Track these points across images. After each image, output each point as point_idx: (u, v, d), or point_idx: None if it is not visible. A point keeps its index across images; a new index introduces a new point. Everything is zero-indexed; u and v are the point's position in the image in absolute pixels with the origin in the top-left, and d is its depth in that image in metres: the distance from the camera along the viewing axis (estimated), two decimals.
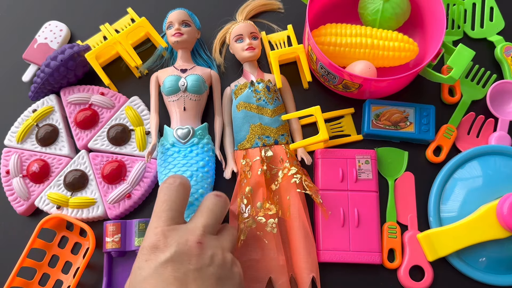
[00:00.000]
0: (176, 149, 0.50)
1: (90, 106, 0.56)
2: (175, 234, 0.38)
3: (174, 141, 0.51)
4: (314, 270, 0.48)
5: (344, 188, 0.52)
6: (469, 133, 0.55)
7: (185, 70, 0.53)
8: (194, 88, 0.52)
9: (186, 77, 0.52)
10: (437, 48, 0.50)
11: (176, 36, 0.53)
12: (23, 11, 0.64)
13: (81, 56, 0.55)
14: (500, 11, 0.60)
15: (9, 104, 0.59)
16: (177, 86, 0.52)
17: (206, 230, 0.40)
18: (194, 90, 0.52)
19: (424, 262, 0.50)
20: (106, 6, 0.63)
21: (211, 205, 0.42)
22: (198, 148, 0.51)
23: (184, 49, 0.55)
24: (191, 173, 0.49)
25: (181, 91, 0.52)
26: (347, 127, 0.56)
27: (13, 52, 0.61)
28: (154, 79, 0.54)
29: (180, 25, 0.54)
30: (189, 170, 0.49)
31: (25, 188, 0.53)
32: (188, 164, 0.49)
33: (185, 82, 0.52)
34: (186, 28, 0.54)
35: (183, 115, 0.52)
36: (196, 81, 0.52)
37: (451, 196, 0.52)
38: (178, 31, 0.53)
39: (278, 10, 0.61)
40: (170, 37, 0.54)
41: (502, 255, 0.49)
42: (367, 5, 0.55)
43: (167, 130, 0.52)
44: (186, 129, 0.51)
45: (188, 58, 0.55)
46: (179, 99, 0.52)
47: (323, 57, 0.50)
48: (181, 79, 0.52)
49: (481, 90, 0.56)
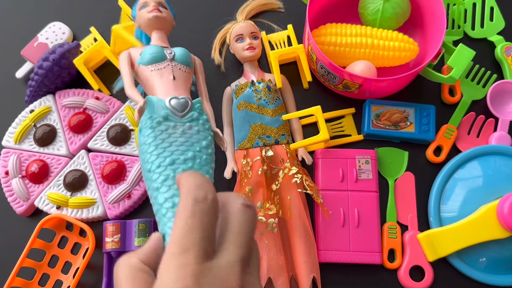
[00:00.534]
0: (171, 124, 0.39)
1: (85, 110, 0.56)
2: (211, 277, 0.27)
3: (168, 113, 0.39)
4: (314, 270, 0.48)
5: (344, 188, 0.52)
6: (469, 133, 0.55)
7: (166, 47, 0.46)
8: (183, 58, 0.44)
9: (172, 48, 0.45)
10: (437, 48, 0.50)
11: (155, 11, 0.46)
12: (32, 7, 0.64)
13: (73, 54, 0.55)
14: (500, 11, 0.60)
15: (6, 104, 0.59)
16: (163, 53, 0.43)
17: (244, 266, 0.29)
18: (183, 60, 0.44)
19: (424, 262, 0.50)
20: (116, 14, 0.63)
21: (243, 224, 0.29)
22: (199, 125, 0.40)
23: (160, 30, 0.47)
24: (194, 154, 0.38)
25: (168, 59, 0.43)
26: (347, 127, 0.56)
27: (13, 49, 0.61)
28: (126, 55, 0.45)
29: (157, 4, 0.47)
30: (190, 150, 0.38)
31: (25, 189, 0.53)
32: (189, 143, 0.39)
33: (172, 51, 0.44)
34: (164, 9, 0.47)
35: (172, 84, 0.42)
36: (185, 52, 0.45)
37: (451, 196, 0.52)
38: (156, 7, 0.46)
39: (278, 10, 0.61)
40: (146, 13, 0.46)
41: (502, 255, 0.49)
42: (367, 5, 0.55)
43: (156, 100, 0.40)
44: (183, 99, 0.40)
45: (165, 40, 0.47)
46: (166, 68, 0.43)
47: (323, 57, 0.50)
48: (166, 49, 0.44)
49: (481, 90, 0.56)
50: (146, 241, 0.51)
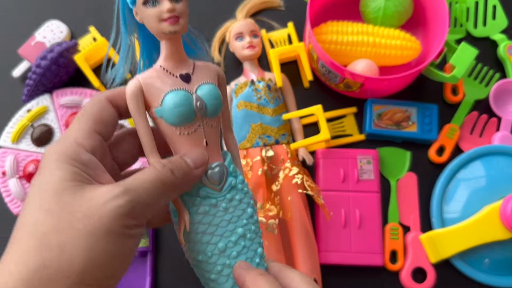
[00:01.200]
0: (212, 201, 0.31)
1: None
2: None
3: (207, 191, 0.31)
4: (315, 272, 0.48)
5: (345, 188, 0.51)
6: (472, 133, 0.54)
7: (187, 75, 0.31)
8: (217, 110, 0.31)
9: (197, 91, 0.30)
10: (439, 47, 0.49)
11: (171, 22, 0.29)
12: (29, 5, 0.63)
13: (71, 52, 0.55)
14: (503, 9, 0.59)
15: (3, 103, 0.58)
16: (192, 110, 0.30)
17: None
18: (216, 112, 0.31)
19: (427, 263, 0.49)
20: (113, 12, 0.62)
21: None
22: (239, 192, 0.32)
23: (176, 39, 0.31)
24: (243, 230, 0.32)
25: (198, 117, 0.30)
26: (348, 126, 0.55)
27: (10, 47, 0.60)
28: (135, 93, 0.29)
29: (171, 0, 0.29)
30: (238, 226, 0.32)
31: (22, 189, 0.53)
32: (235, 219, 0.32)
33: (202, 102, 0.30)
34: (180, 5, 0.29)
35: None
36: (216, 99, 0.31)
37: (454, 197, 0.51)
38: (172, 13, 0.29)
39: (279, 8, 0.60)
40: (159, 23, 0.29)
41: (505, 256, 0.49)
42: (368, 3, 0.55)
43: None
44: (217, 167, 0.31)
45: (181, 51, 0.31)
46: (196, 130, 0.31)
47: (324, 56, 0.49)
48: (193, 97, 0.30)
49: (484, 89, 0.56)
50: (145, 242, 0.51)
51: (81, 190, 0.24)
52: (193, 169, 0.28)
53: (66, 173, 0.24)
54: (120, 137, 0.31)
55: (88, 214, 0.23)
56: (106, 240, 0.23)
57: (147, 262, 0.50)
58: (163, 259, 0.51)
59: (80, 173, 0.25)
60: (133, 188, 0.25)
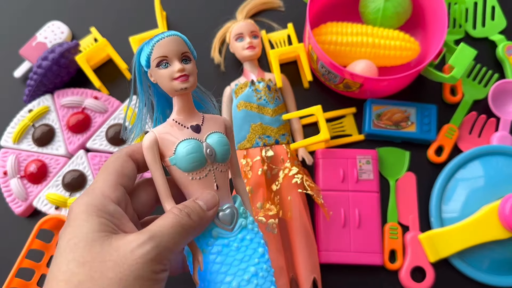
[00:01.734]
0: (224, 242, 0.33)
1: (83, 110, 0.55)
2: None
3: (219, 231, 0.33)
4: (315, 271, 0.48)
5: (345, 188, 0.51)
6: (471, 133, 0.55)
7: (197, 127, 0.34)
8: (225, 156, 0.34)
9: (207, 139, 0.34)
10: (438, 47, 0.49)
11: (182, 80, 0.32)
12: (30, 6, 0.63)
13: (72, 53, 0.55)
14: (501, 10, 0.60)
15: (4, 104, 0.59)
16: (203, 157, 0.33)
17: None
18: (225, 158, 0.34)
19: (426, 263, 0.50)
20: (114, 13, 0.62)
21: None
22: (249, 232, 0.34)
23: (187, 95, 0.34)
24: (255, 269, 0.33)
25: (208, 162, 0.33)
26: (348, 126, 0.56)
27: (12, 48, 0.60)
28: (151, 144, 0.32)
29: (180, 61, 0.33)
30: (250, 265, 0.33)
31: (23, 189, 0.53)
32: (247, 258, 0.33)
33: (212, 149, 0.33)
34: (188, 65, 0.33)
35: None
36: (224, 145, 0.34)
37: (452, 197, 0.51)
38: (182, 73, 0.32)
39: (279, 9, 0.61)
40: (171, 81, 0.32)
41: (504, 255, 0.49)
42: (368, 4, 0.55)
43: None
44: (228, 209, 0.33)
45: (191, 106, 0.35)
46: (207, 175, 0.33)
47: (324, 56, 0.49)
48: (203, 145, 0.33)
49: (483, 90, 0.56)
50: None
51: (109, 239, 0.26)
52: (206, 211, 0.30)
53: (95, 225, 0.26)
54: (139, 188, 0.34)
55: (118, 262, 0.25)
56: (136, 286, 0.25)
57: None
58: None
59: (108, 224, 0.27)
60: (157, 235, 0.27)
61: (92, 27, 0.59)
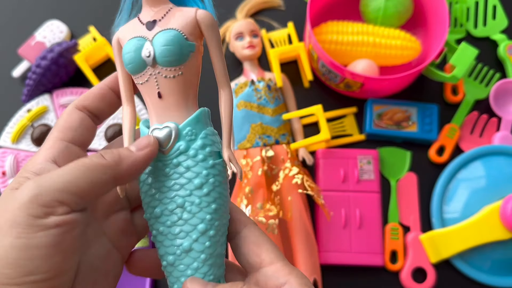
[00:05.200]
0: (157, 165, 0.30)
1: None
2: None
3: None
4: (315, 272, 0.48)
5: (345, 188, 0.51)
6: (472, 133, 0.54)
7: (153, 22, 0.30)
8: (166, 58, 0.29)
9: (153, 39, 0.29)
10: (439, 47, 0.49)
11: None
12: (29, 5, 0.63)
13: (71, 52, 0.55)
14: (503, 9, 0.59)
15: (3, 103, 0.58)
16: (140, 57, 0.29)
17: None
18: (168, 61, 0.29)
19: (427, 263, 0.49)
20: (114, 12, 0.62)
21: None
22: (189, 159, 0.29)
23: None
24: (182, 200, 0.29)
25: (148, 65, 0.29)
26: (349, 126, 0.55)
27: (10, 47, 0.60)
28: (114, 44, 0.31)
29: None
30: (178, 196, 0.29)
31: None
32: (176, 187, 0.29)
33: (151, 49, 0.28)
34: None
35: (159, 105, 0.30)
36: (169, 45, 0.29)
37: (454, 197, 0.51)
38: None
39: (279, 8, 0.60)
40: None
41: (505, 256, 0.49)
42: (369, 3, 0.55)
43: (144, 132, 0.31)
44: (165, 129, 0.29)
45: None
46: (148, 80, 0.29)
47: (325, 56, 0.49)
48: (145, 44, 0.29)
49: (484, 89, 0.56)
50: (146, 241, 0.50)
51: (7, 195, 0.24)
52: (133, 152, 0.27)
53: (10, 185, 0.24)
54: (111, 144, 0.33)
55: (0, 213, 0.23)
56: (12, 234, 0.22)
57: None
58: None
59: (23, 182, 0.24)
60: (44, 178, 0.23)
61: (91, 27, 0.59)
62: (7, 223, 0.22)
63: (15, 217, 0.22)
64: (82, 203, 0.24)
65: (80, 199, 0.24)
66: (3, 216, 0.22)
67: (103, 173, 0.25)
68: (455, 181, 0.52)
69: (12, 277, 0.22)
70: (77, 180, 0.24)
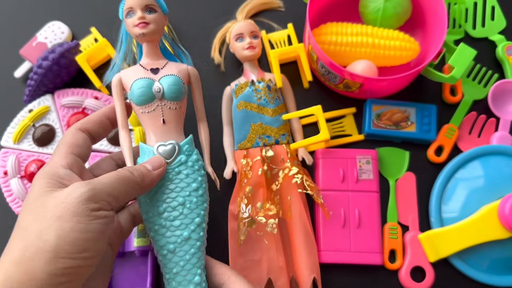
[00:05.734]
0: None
1: (84, 110, 0.55)
2: None
3: None
4: (315, 271, 0.48)
5: (345, 188, 0.51)
6: (471, 133, 0.55)
7: (156, 69, 0.41)
8: (173, 94, 0.40)
9: (160, 80, 0.40)
10: (438, 47, 0.49)
11: (141, 27, 0.40)
12: (31, 6, 0.63)
13: (72, 53, 0.55)
14: (501, 10, 0.60)
15: (4, 104, 0.59)
16: (151, 92, 0.39)
17: None
18: (173, 97, 0.40)
19: (426, 263, 0.50)
20: (115, 13, 0.62)
21: None
22: (188, 168, 0.40)
23: (151, 42, 0.41)
24: (183, 199, 0.39)
25: (157, 99, 0.39)
26: (348, 126, 0.56)
27: (12, 48, 0.60)
28: (116, 83, 0.41)
29: (143, 11, 0.40)
30: (180, 196, 0.39)
31: (24, 189, 0.53)
32: (178, 189, 0.39)
33: (161, 87, 0.39)
34: (151, 15, 0.40)
35: (162, 129, 0.40)
36: (175, 85, 0.40)
37: (452, 197, 0.52)
38: (142, 20, 0.40)
39: (279, 9, 0.61)
40: (132, 28, 0.40)
41: (504, 255, 0.49)
42: (368, 4, 0.55)
43: (145, 149, 0.40)
44: (169, 145, 0.39)
45: (157, 53, 0.42)
46: (155, 110, 0.39)
47: (324, 56, 0.49)
48: (154, 83, 0.39)
49: (483, 90, 0.56)
50: (146, 241, 0.51)
51: (53, 193, 0.32)
52: (151, 171, 0.37)
53: (43, 184, 0.32)
54: (101, 161, 0.42)
55: (56, 205, 0.30)
56: (72, 221, 0.30)
57: (148, 261, 0.50)
58: None
59: (55, 183, 0.32)
60: (94, 182, 0.32)
61: (92, 27, 0.59)
62: (68, 212, 0.30)
63: (75, 209, 0.30)
64: (117, 205, 0.34)
65: (117, 202, 0.33)
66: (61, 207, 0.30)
67: (133, 187, 0.35)
68: (453, 181, 0.52)
69: (71, 252, 0.30)
70: (118, 188, 0.33)
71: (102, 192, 0.32)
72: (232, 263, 0.49)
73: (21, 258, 0.29)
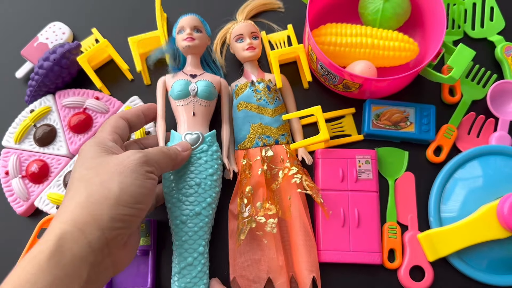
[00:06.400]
0: None
1: (85, 110, 0.56)
2: None
3: None
4: (314, 270, 0.48)
5: (344, 188, 0.52)
6: (470, 133, 0.55)
7: (194, 75, 0.52)
8: (204, 94, 0.50)
9: (196, 82, 0.50)
10: (437, 48, 0.50)
11: (188, 40, 0.51)
12: (32, 7, 0.64)
13: (73, 53, 0.55)
14: (500, 11, 0.60)
15: (6, 104, 0.59)
16: (187, 90, 0.49)
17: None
18: (204, 96, 0.50)
19: (425, 262, 0.50)
20: (115, 14, 0.63)
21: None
22: (207, 156, 0.48)
23: (194, 54, 0.53)
24: (200, 180, 0.47)
25: (191, 95, 0.49)
26: (347, 127, 0.56)
27: (13, 48, 0.61)
28: (161, 83, 0.52)
29: (192, 30, 0.52)
30: (197, 177, 0.47)
31: (25, 189, 0.53)
32: (197, 171, 0.47)
33: (196, 87, 0.50)
34: (197, 34, 0.52)
35: (192, 120, 0.49)
36: (207, 87, 0.50)
37: (451, 196, 0.52)
38: (190, 35, 0.51)
39: (279, 10, 0.61)
40: (181, 41, 0.52)
41: (502, 255, 0.49)
42: (367, 5, 0.55)
43: (175, 135, 0.49)
44: (195, 134, 0.48)
45: (197, 64, 0.53)
46: (188, 104, 0.49)
47: (323, 57, 0.50)
48: (191, 84, 0.50)
49: (482, 90, 0.56)
50: (147, 241, 0.51)
51: (110, 155, 0.39)
52: (181, 152, 0.45)
53: (97, 149, 0.39)
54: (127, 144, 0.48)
55: (117, 163, 0.38)
56: (132, 177, 0.37)
57: (149, 261, 0.50)
58: (164, 258, 0.52)
59: (106, 150, 0.40)
60: (146, 151, 0.40)
61: (93, 28, 0.59)
62: (128, 170, 0.37)
63: (134, 167, 0.38)
64: (160, 173, 0.41)
65: (160, 170, 0.41)
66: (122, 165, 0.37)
67: (170, 161, 0.43)
68: (452, 181, 0.52)
69: (129, 202, 0.36)
70: (162, 159, 0.41)
71: (153, 159, 0.40)
72: (232, 262, 0.49)
73: (86, 202, 0.35)
